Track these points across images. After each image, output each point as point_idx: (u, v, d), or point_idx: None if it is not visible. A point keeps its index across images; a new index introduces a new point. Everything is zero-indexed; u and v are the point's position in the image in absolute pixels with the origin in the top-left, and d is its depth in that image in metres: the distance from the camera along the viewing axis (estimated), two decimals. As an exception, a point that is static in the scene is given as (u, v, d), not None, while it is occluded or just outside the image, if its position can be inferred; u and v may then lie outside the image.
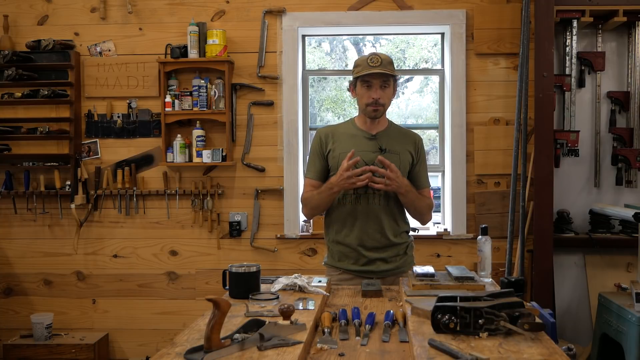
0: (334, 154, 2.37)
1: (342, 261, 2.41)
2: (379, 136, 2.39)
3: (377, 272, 2.36)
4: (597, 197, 3.76)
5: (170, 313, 3.91)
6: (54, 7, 3.92)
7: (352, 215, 2.36)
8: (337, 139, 2.40)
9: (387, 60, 2.31)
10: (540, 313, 2.24)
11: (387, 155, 2.33)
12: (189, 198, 3.88)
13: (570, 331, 3.65)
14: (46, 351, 3.66)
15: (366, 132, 2.40)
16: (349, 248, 2.37)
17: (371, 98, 2.31)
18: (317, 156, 2.42)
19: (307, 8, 3.81)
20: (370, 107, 2.32)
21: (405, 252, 2.44)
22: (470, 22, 3.75)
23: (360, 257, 2.37)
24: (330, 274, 2.42)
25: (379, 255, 2.36)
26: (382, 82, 2.31)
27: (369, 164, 2.30)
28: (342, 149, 2.36)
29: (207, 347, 1.38)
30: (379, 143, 2.36)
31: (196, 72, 3.81)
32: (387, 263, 2.38)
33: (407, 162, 2.38)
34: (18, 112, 3.91)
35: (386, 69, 2.28)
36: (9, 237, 3.98)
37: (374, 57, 2.29)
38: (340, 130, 2.44)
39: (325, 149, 2.40)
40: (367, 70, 2.28)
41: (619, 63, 3.75)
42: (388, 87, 2.33)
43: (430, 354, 1.38)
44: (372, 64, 2.28)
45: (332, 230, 2.43)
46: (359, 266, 2.37)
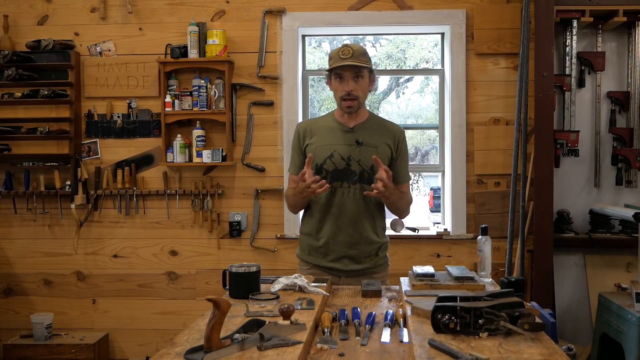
0: (310, 148, 2.36)
1: (311, 255, 2.40)
2: (356, 129, 2.36)
3: (344, 271, 2.35)
4: (597, 197, 3.76)
5: (170, 313, 3.91)
6: (54, 7, 3.92)
7: (326, 208, 2.34)
8: (315, 132, 2.39)
9: (359, 51, 2.27)
10: (540, 313, 2.24)
11: (363, 148, 2.31)
12: (189, 198, 3.88)
13: (570, 331, 3.65)
14: (46, 351, 3.66)
15: (344, 125, 2.37)
16: (319, 242, 2.36)
17: (344, 90, 2.28)
18: (296, 151, 2.42)
19: (307, 8, 3.81)
20: (343, 101, 2.30)
21: (377, 254, 2.40)
22: (470, 22, 3.75)
23: (329, 253, 2.35)
24: (302, 268, 2.43)
25: (347, 252, 2.34)
26: (355, 74, 2.27)
27: (344, 156, 2.30)
28: (318, 142, 2.35)
29: (207, 347, 1.38)
30: (355, 136, 2.34)
31: (196, 72, 3.81)
32: (356, 263, 2.35)
33: (385, 155, 2.35)
34: (18, 112, 3.91)
35: (358, 60, 2.25)
36: (9, 237, 3.98)
37: (345, 49, 2.26)
38: (319, 123, 2.43)
39: (303, 143, 2.39)
40: (338, 63, 2.25)
41: (619, 63, 3.75)
42: (362, 78, 2.29)
43: (430, 354, 1.38)
44: (343, 56, 2.25)
45: (306, 223, 2.43)
46: (326, 262, 2.36)
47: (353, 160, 2.31)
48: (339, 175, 2.32)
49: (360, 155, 2.32)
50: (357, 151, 2.32)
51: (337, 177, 2.32)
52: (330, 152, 2.32)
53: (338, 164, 2.31)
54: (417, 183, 7.22)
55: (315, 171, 2.32)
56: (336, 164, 2.31)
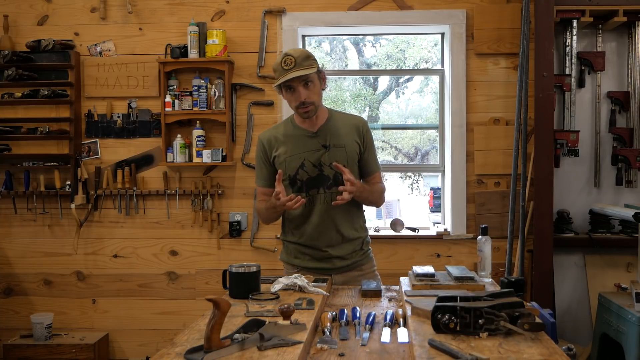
0: (279, 160, 2.33)
1: (298, 258, 2.39)
2: (320, 132, 2.32)
3: (333, 270, 2.36)
4: (597, 197, 3.76)
5: (170, 313, 3.91)
6: (54, 7, 3.92)
7: (305, 214, 2.33)
8: (281, 142, 2.34)
9: (301, 56, 2.18)
10: (540, 313, 2.24)
11: (332, 151, 2.29)
12: (189, 198, 3.88)
13: (570, 331, 3.65)
14: (46, 351, 3.66)
15: (307, 130, 2.33)
16: (304, 246, 2.36)
17: (297, 101, 2.23)
18: (263, 163, 2.39)
19: (307, 8, 3.81)
20: (299, 109, 2.25)
21: (361, 248, 2.42)
22: (470, 22, 3.75)
23: (316, 254, 2.35)
24: (288, 270, 2.42)
25: (335, 252, 2.34)
26: (303, 81, 2.20)
27: (315, 163, 2.29)
28: (287, 153, 2.32)
29: (207, 347, 1.38)
30: (321, 141, 2.31)
31: (196, 72, 3.81)
32: (344, 260, 2.36)
33: (355, 152, 2.33)
34: (18, 112, 3.91)
35: (302, 66, 2.16)
36: (9, 237, 3.98)
37: (286, 59, 2.16)
38: (282, 131, 2.38)
39: (270, 155, 2.36)
40: (283, 77, 2.17)
41: (619, 63, 3.75)
42: (312, 83, 2.22)
43: (430, 354, 1.38)
44: (286, 67, 2.16)
45: (288, 229, 2.42)
46: (315, 262, 2.36)
47: (324, 165, 2.29)
48: (314, 182, 2.30)
49: (330, 159, 2.29)
50: (326, 155, 2.29)
51: (312, 185, 2.31)
52: (301, 161, 2.30)
53: (310, 171, 2.30)
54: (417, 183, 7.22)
55: (289, 182, 2.31)
56: (309, 172, 2.30)
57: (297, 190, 2.31)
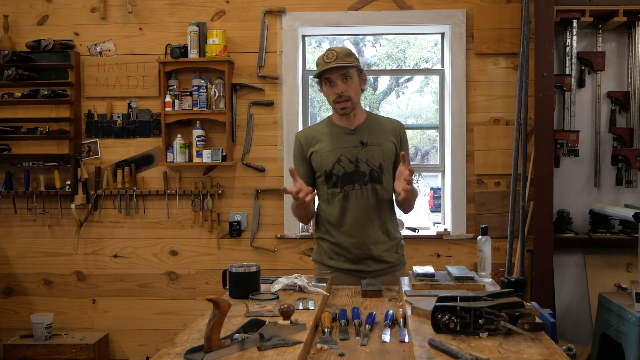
0: (316, 155, 2.35)
1: (332, 259, 2.38)
2: (358, 130, 2.35)
3: (368, 272, 2.34)
4: (597, 197, 3.76)
5: (170, 313, 3.91)
6: (54, 7, 3.92)
7: (341, 213, 2.33)
8: (318, 139, 2.37)
9: (343, 52, 2.26)
10: (540, 313, 2.24)
11: (369, 148, 2.31)
12: (189, 198, 3.88)
13: (570, 331, 3.65)
14: (46, 351, 3.66)
15: (345, 128, 2.36)
16: (339, 247, 2.36)
17: (334, 94, 2.28)
18: (300, 161, 2.40)
19: (307, 8, 3.81)
20: (337, 103, 2.29)
21: (396, 251, 2.41)
22: (470, 22, 3.75)
23: (351, 255, 2.34)
24: (321, 272, 2.40)
25: (370, 253, 2.33)
26: (342, 75, 2.26)
27: (351, 159, 2.30)
28: (324, 148, 2.34)
29: (207, 347, 1.38)
30: (359, 137, 2.33)
31: (196, 72, 3.81)
32: (379, 262, 2.35)
33: (391, 152, 2.35)
34: (18, 112, 3.91)
35: (342, 61, 2.24)
36: (9, 237, 3.98)
37: (329, 53, 2.26)
38: (319, 130, 2.41)
39: (307, 152, 2.38)
40: (323, 67, 2.25)
41: (619, 63, 3.75)
42: (350, 79, 2.28)
43: (430, 354, 1.38)
44: (327, 60, 2.24)
45: (322, 228, 2.41)
46: (350, 264, 2.35)
47: (361, 162, 2.31)
48: (350, 178, 2.31)
49: (368, 155, 2.31)
50: (363, 152, 2.31)
51: (347, 181, 2.31)
52: (338, 157, 2.32)
53: (347, 167, 2.31)
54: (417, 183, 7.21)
55: (324, 177, 2.33)
56: (345, 168, 2.31)
57: (332, 186, 2.33)
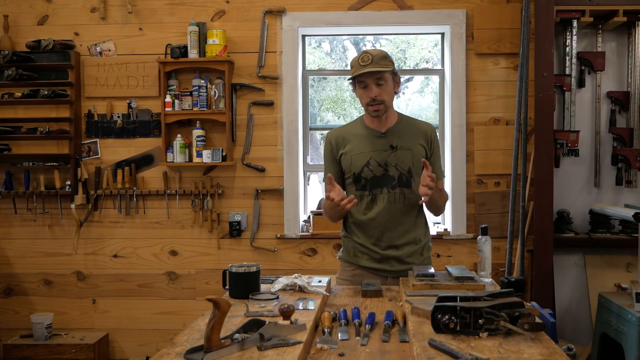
0: (345, 157, 2.35)
1: (356, 257, 2.39)
2: (388, 133, 2.35)
3: (391, 272, 2.34)
4: (597, 197, 3.76)
5: (170, 313, 3.91)
6: (54, 7, 3.92)
7: (368, 215, 2.33)
8: (348, 140, 2.37)
9: (378, 55, 2.25)
10: (540, 313, 2.24)
11: (398, 152, 2.31)
12: (189, 198, 3.88)
13: (570, 331, 3.65)
14: (46, 351, 3.66)
15: (375, 131, 2.36)
16: (363, 246, 2.36)
17: (368, 97, 2.27)
18: (330, 161, 2.41)
19: (307, 8, 3.81)
20: (370, 106, 2.29)
21: (422, 253, 2.39)
22: (470, 22, 3.75)
23: (375, 254, 2.34)
24: (345, 269, 2.42)
25: (394, 253, 2.33)
26: (377, 79, 2.26)
27: (380, 163, 2.30)
28: (353, 151, 2.34)
29: (207, 347, 1.38)
30: (389, 141, 2.33)
31: (196, 72, 3.81)
32: (402, 263, 2.34)
33: (421, 156, 2.33)
34: (18, 112, 3.91)
35: (377, 65, 2.23)
36: (9, 237, 3.98)
37: (364, 56, 2.24)
38: (350, 131, 2.42)
39: (337, 153, 2.38)
40: (358, 71, 2.24)
41: (619, 63, 3.75)
42: (385, 83, 2.28)
43: (430, 354, 1.38)
44: (362, 63, 2.24)
45: (349, 227, 2.42)
46: (373, 263, 2.35)
47: (390, 166, 2.30)
48: (378, 181, 2.31)
49: (397, 160, 2.31)
50: (392, 156, 2.31)
51: (376, 184, 2.31)
52: (367, 160, 2.32)
53: (375, 170, 2.31)
54: None
55: (353, 179, 2.34)
56: (374, 171, 2.31)
57: (360, 189, 2.33)
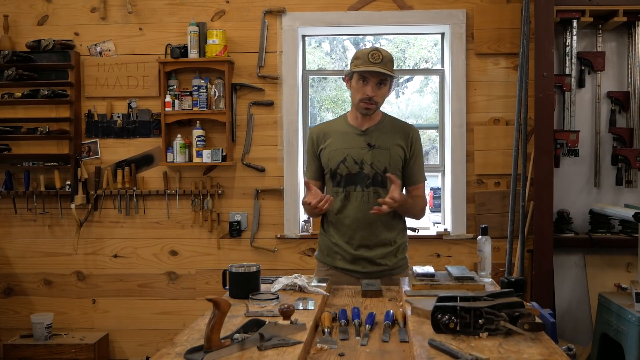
0: (325, 152, 2.36)
1: (330, 256, 2.39)
2: (368, 132, 2.34)
3: (363, 273, 2.33)
4: (597, 197, 3.76)
5: (170, 313, 3.91)
6: (54, 7, 3.92)
7: (340, 212, 2.33)
8: (329, 136, 2.38)
9: (388, 57, 2.24)
10: (540, 313, 2.24)
11: (375, 151, 2.30)
12: (189, 198, 3.88)
13: (570, 331, 3.65)
14: (46, 351, 3.66)
15: (356, 128, 2.36)
16: (337, 245, 2.36)
17: (365, 94, 2.25)
18: (311, 156, 2.42)
19: (307, 8, 3.81)
20: (362, 103, 2.27)
21: (395, 255, 2.39)
22: (470, 22, 3.75)
23: (347, 255, 2.34)
24: (320, 269, 2.42)
25: (366, 254, 2.33)
26: (380, 80, 2.25)
27: (356, 160, 2.30)
28: (332, 147, 2.35)
29: (207, 347, 1.38)
30: (367, 139, 2.33)
31: (196, 72, 3.81)
32: (374, 264, 2.34)
33: (399, 157, 2.33)
34: (18, 112, 3.91)
35: (386, 67, 2.23)
36: (9, 237, 3.98)
37: (375, 53, 2.21)
38: (333, 127, 2.42)
39: (317, 148, 2.39)
40: (366, 66, 2.21)
41: (619, 63, 3.75)
42: (384, 86, 2.28)
43: (430, 354, 1.38)
44: (372, 60, 2.21)
45: (325, 224, 2.42)
46: (345, 263, 2.35)
47: (366, 164, 2.30)
48: (352, 179, 2.31)
49: (373, 159, 2.30)
50: (369, 154, 2.30)
51: (350, 181, 2.31)
52: (344, 156, 2.31)
53: (351, 167, 2.31)
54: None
55: (330, 175, 2.34)
56: (349, 168, 2.31)
57: (335, 185, 2.33)
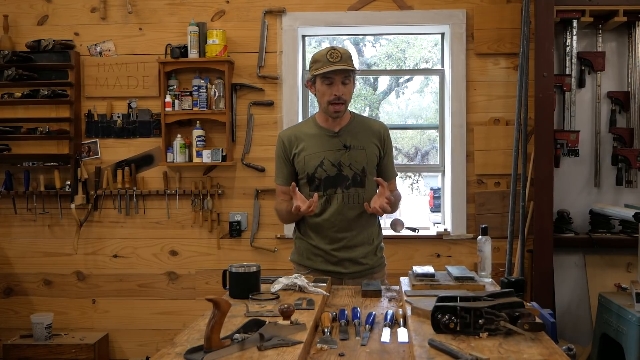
0: (299, 158, 2.34)
1: (310, 259, 2.38)
2: (341, 133, 2.34)
3: (346, 274, 2.34)
4: (597, 197, 3.76)
5: (170, 313, 3.91)
6: (54, 7, 3.92)
7: (321, 214, 2.33)
8: (301, 140, 2.36)
9: (346, 54, 2.25)
10: (540, 313, 2.24)
11: (352, 152, 2.30)
12: (189, 198, 3.88)
13: (570, 331, 3.65)
14: (46, 351, 3.66)
15: (328, 130, 2.35)
16: (318, 248, 2.36)
17: (333, 95, 2.25)
18: (282, 161, 2.39)
19: (307, 8, 3.81)
20: (332, 105, 2.26)
21: (375, 254, 2.40)
22: (470, 22, 3.75)
23: (329, 257, 2.34)
24: (299, 271, 2.39)
25: (348, 254, 2.33)
26: (344, 77, 2.25)
27: (334, 162, 2.30)
28: (306, 151, 2.33)
29: (207, 347, 1.38)
30: (342, 141, 2.32)
31: (196, 72, 3.81)
32: (357, 264, 2.34)
33: (374, 155, 2.34)
34: (18, 112, 3.91)
35: (347, 64, 2.23)
36: (9, 237, 3.98)
37: (333, 52, 2.22)
38: (303, 130, 2.40)
39: (290, 153, 2.37)
40: (328, 67, 2.20)
41: (619, 63, 3.75)
42: (349, 82, 2.28)
43: (430, 354, 1.38)
44: (332, 59, 2.21)
45: (301, 229, 2.42)
46: (328, 265, 2.35)
47: (344, 165, 2.30)
48: (332, 182, 2.30)
49: (350, 160, 2.31)
50: (346, 156, 2.30)
51: (330, 184, 2.31)
52: (320, 160, 2.31)
53: (329, 170, 2.30)
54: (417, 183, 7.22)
55: (306, 180, 2.33)
56: (327, 171, 2.30)
57: (314, 189, 2.31)
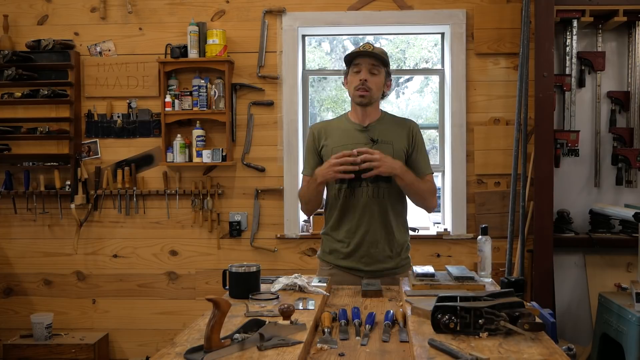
0: (326, 149, 2.36)
1: (331, 255, 2.39)
2: (370, 127, 2.36)
3: (365, 271, 2.33)
4: (597, 197, 3.76)
5: (170, 313, 3.91)
6: (54, 7, 3.92)
7: (345, 209, 2.33)
8: (330, 133, 2.38)
9: (379, 49, 2.32)
10: (540, 313, 2.24)
11: (379, 145, 2.30)
12: (189, 198, 3.88)
13: (570, 331, 3.65)
14: (46, 351, 3.66)
15: (358, 125, 2.37)
16: (340, 243, 2.35)
17: (358, 80, 2.28)
18: (311, 153, 2.42)
19: (307, 8, 3.81)
20: (357, 91, 2.29)
21: (399, 254, 2.39)
22: (470, 22, 3.75)
23: (350, 253, 2.34)
24: (322, 268, 2.41)
25: (368, 251, 2.32)
26: (372, 66, 2.28)
27: None
28: (334, 143, 2.35)
29: (207, 347, 1.38)
30: (370, 134, 2.34)
31: (196, 72, 3.81)
32: (377, 262, 2.33)
33: (402, 150, 2.34)
34: (18, 112, 3.91)
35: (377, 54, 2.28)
36: (9, 237, 3.98)
37: (366, 45, 2.31)
38: (334, 124, 2.43)
39: (319, 145, 2.39)
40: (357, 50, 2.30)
41: (619, 63, 3.75)
42: (378, 74, 2.30)
43: (430, 354, 1.38)
44: (363, 49, 2.29)
45: (327, 224, 2.42)
46: (348, 262, 2.35)
47: None
48: (357, 174, 2.29)
49: None
50: (373, 149, 2.30)
51: (355, 177, 2.29)
52: None
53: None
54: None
55: None
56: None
57: (339, 181, 2.31)
